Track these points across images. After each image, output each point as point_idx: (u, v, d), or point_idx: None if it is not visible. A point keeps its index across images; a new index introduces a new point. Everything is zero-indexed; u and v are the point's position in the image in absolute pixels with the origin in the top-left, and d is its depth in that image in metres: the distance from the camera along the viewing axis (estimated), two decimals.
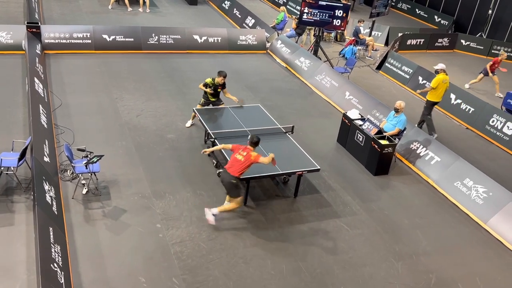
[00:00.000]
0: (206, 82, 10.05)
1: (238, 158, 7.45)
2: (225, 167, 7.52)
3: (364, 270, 7.20)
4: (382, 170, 9.85)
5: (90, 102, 11.08)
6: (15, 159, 7.58)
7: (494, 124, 12.24)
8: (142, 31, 14.75)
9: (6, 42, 13.12)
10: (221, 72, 9.97)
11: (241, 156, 7.45)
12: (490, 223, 8.57)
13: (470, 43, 20.12)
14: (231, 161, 7.52)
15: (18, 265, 6.33)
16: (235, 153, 7.56)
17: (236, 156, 7.48)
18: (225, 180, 7.49)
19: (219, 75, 9.95)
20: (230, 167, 7.45)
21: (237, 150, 7.57)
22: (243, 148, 7.57)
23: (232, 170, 7.40)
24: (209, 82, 10.03)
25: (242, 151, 7.51)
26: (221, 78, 9.93)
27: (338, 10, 14.68)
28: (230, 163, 7.52)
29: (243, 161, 7.42)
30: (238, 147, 7.63)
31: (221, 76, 9.93)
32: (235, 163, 7.45)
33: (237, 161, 7.45)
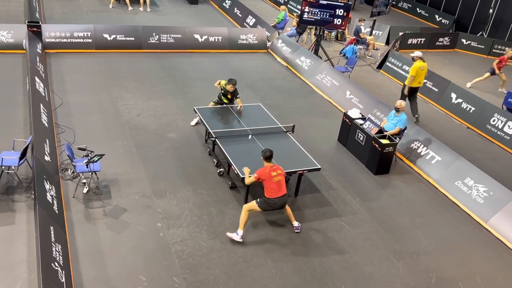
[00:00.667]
0: (222, 85, 10.18)
1: (280, 179, 7.27)
2: (278, 196, 7.24)
3: (364, 269, 7.21)
4: (382, 170, 9.85)
5: (90, 101, 11.08)
6: (16, 158, 7.59)
7: (495, 124, 12.24)
8: (142, 31, 14.76)
9: (7, 41, 13.13)
10: (230, 80, 9.99)
11: (279, 177, 7.27)
12: (490, 222, 8.57)
13: (471, 42, 20.10)
14: (277, 187, 7.23)
15: (19, 264, 6.34)
16: (271, 179, 7.21)
17: (277, 179, 7.24)
18: (284, 202, 7.40)
19: (228, 83, 10.00)
20: (282, 191, 7.28)
21: (269, 174, 7.21)
22: (270, 168, 7.26)
23: (283, 190, 7.32)
24: (223, 83, 10.15)
25: (274, 172, 7.24)
26: (230, 86, 9.98)
27: (339, 9, 14.66)
28: (278, 190, 7.24)
29: (283, 178, 7.36)
30: (267, 173, 7.22)
31: (230, 84, 9.97)
32: (281, 184, 7.29)
33: (281, 183, 7.30)
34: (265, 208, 7.36)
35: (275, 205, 7.35)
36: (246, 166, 7.69)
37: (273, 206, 7.34)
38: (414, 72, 11.98)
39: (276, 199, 7.27)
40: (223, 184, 8.75)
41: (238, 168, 7.96)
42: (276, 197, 7.26)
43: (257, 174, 7.29)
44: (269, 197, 7.26)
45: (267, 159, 7.38)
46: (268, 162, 7.38)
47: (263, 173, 7.25)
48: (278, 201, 7.32)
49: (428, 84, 14.40)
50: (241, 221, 7.30)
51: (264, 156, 7.37)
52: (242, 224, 7.30)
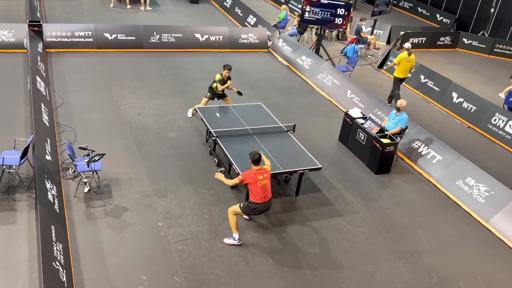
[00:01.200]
0: (218, 79, 10.43)
1: (264, 183, 6.99)
2: (261, 201, 7.01)
3: (365, 269, 7.21)
4: (383, 169, 9.85)
5: (91, 101, 11.09)
6: (17, 158, 7.60)
7: (496, 123, 12.22)
8: (143, 30, 14.76)
9: (8, 40, 13.14)
10: (226, 66, 10.37)
11: (265, 180, 7.01)
12: (491, 222, 8.56)
13: (472, 42, 20.08)
14: (262, 191, 6.97)
15: (20, 263, 6.35)
16: (256, 183, 6.92)
17: (263, 183, 6.97)
18: (268, 207, 7.20)
19: (224, 68, 10.35)
20: (266, 195, 7.04)
21: (255, 177, 6.93)
22: (256, 171, 6.96)
23: (268, 195, 7.10)
24: (219, 78, 10.41)
25: (260, 175, 6.95)
26: (226, 71, 10.33)
27: (340, 8, 14.65)
28: (263, 194, 6.98)
29: (269, 181, 7.11)
30: (252, 176, 6.94)
31: (226, 69, 10.33)
32: (266, 188, 7.04)
33: (267, 187, 7.05)
34: (248, 213, 7.23)
35: (257, 210, 7.12)
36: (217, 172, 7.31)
37: (255, 211, 7.12)
38: (397, 60, 12.58)
39: (259, 204, 7.02)
40: (223, 184, 8.73)
41: (238, 168, 7.96)
42: (260, 202, 7.00)
43: (242, 176, 7.02)
44: (253, 201, 7.03)
45: (255, 162, 7.01)
46: (255, 165, 7.02)
47: (248, 176, 6.95)
48: (261, 207, 7.08)
49: (429, 83, 14.39)
50: (231, 224, 7.20)
51: (252, 159, 7.00)
52: (234, 227, 7.19)
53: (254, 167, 7.04)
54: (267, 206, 7.17)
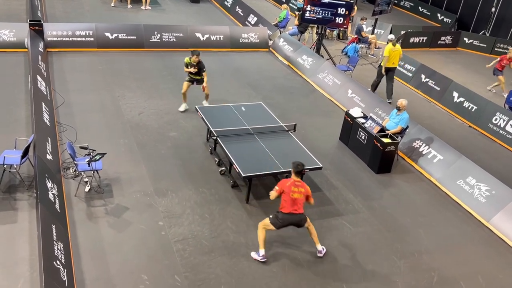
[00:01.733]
0: (186, 62, 10.95)
1: (297, 197, 6.82)
2: (289, 212, 6.83)
3: (366, 268, 7.20)
4: (384, 168, 9.84)
5: (92, 100, 11.09)
6: (18, 157, 7.60)
7: (497, 122, 12.21)
8: (144, 29, 14.76)
9: (9, 40, 13.14)
10: (193, 52, 10.78)
11: (299, 195, 6.83)
12: (492, 221, 8.56)
13: (473, 41, 20.06)
14: (291, 203, 6.81)
15: (21, 262, 6.35)
16: (289, 193, 6.79)
17: (295, 196, 6.81)
18: (296, 220, 6.96)
19: (192, 55, 10.76)
20: (295, 209, 6.85)
21: (289, 188, 6.79)
22: (293, 182, 6.84)
23: (298, 209, 6.88)
24: (187, 61, 10.90)
25: (295, 187, 6.81)
26: (194, 57, 10.72)
27: (341, 8, 14.64)
28: (290, 206, 6.82)
29: (303, 198, 6.91)
30: (287, 186, 6.80)
31: (194, 55, 10.72)
32: (297, 203, 6.85)
33: (298, 200, 6.86)
34: (276, 224, 6.93)
35: (285, 221, 6.91)
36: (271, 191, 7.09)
37: (282, 222, 6.91)
38: (386, 52, 13.05)
39: (286, 215, 6.85)
40: (224, 183, 8.75)
41: (239, 167, 7.96)
42: (287, 213, 6.84)
43: (278, 186, 6.87)
44: (281, 211, 6.89)
45: (296, 174, 6.89)
46: (296, 176, 6.89)
47: (284, 184, 6.84)
48: (288, 218, 6.88)
49: (430, 83, 14.38)
50: (259, 239, 7.03)
51: (295, 170, 6.87)
52: (261, 242, 7.01)
53: (293, 177, 6.90)
54: (294, 219, 6.93)
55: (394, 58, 13.05)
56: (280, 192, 6.83)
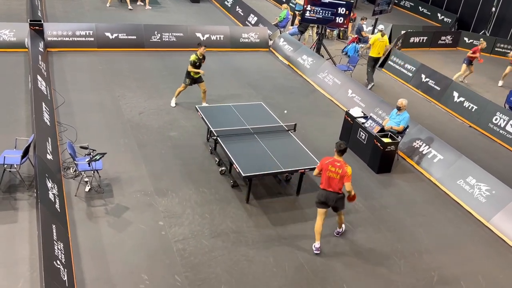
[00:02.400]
0: (193, 61, 10.64)
1: (332, 176, 7.03)
2: (324, 188, 7.16)
3: (366, 268, 7.20)
4: (384, 168, 9.84)
5: (92, 100, 11.10)
6: (18, 157, 7.61)
7: (497, 122, 12.21)
8: (144, 29, 14.76)
9: (9, 39, 13.15)
10: (201, 43, 10.77)
11: (334, 174, 7.02)
12: (492, 221, 8.56)
13: (473, 41, 20.04)
14: (326, 181, 7.09)
15: (21, 262, 6.36)
16: (326, 171, 7.07)
17: (330, 175, 7.04)
18: (331, 198, 7.16)
19: (200, 46, 10.60)
20: (329, 187, 7.11)
21: (326, 166, 7.08)
22: (332, 161, 7.07)
23: (333, 189, 7.11)
24: (195, 58, 10.62)
25: (332, 166, 7.03)
26: (203, 48, 10.57)
27: (341, 7, 14.64)
28: (326, 184, 7.11)
29: (338, 179, 7.04)
30: (324, 165, 7.11)
31: (202, 46, 10.59)
32: (332, 182, 7.07)
33: (332, 180, 7.07)
34: (316, 203, 7.29)
35: (320, 197, 7.20)
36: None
37: (319, 198, 7.23)
38: (372, 41, 14.11)
39: (322, 190, 7.18)
40: (224, 183, 8.76)
41: (239, 167, 7.96)
42: (322, 189, 7.17)
43: (319, 162, 7.28)
44: (320, 186, 7.24)
45: (339, 153, 7.10)
46: (338, 155, 7.10)
47: (323, 161, 7.16)
48: (323, 194, 7.16)
49: (430, 82, 14.38)
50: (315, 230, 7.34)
51: (337, 149, 7.10)
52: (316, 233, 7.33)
53: (335, 156, 7.14)
54: (326, 196, 7.16)
55: (380, 48, 13.99)
56: (319, 169, 7.21)
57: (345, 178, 6.99)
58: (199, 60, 10.69)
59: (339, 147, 7.08)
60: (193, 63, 10.68)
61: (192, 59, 10.66)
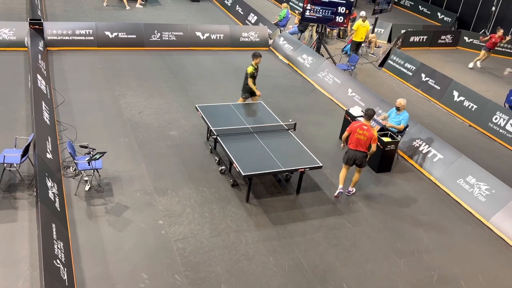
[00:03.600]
0: (251, 73, 10.12)
1: (360, 138, 8.26)
2: (353, 148, 8.37)
3: (366, 267, 7.21)
4: (384, 168, 9.84)
5: (92, 99, 11.09)
6: (18, 156, 7.61)
7: (497, 122, 12.21)
8: (144, 28, 14.75)
9: (9, 38, 13.14)
10: (256, 53, 10.16)
11: (362, 136, 8.24)
12: (492, 220, 8.56)
13: (473, 40, 20.05)
14: (355, 142, 8.32)
15: (21, 261, 6.36)
16: (354, 133, 8.30)
17: (358, 137, 8.27)
18: (358, 156, 8.37)
19: (256, 57, 10.13)
20: (357, 146, 8.33)
21: (355, 129, 8.29)
22: (360, 125, 8.28)
23: (361, 148, 8.32)
24: (253, 70, 10.13)
25: (360, 129, 8.24)
26: (259, 59, 10.18)
27: (341, 7, 14.63)
28: (355, 144, 8.34)
29: (366, 140, 8.25)
30: (353, 128, 8.33)
31: (259, 57, 10.15)
32: (359, 143, 8.30)
33: (360, 141, 8.28)
34: (344, 159, 8.58)
35: (349, 155, 8.43)
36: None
37: (347, 155, 8.47)
38: (355, 27, 15.36)
39: (350, 150, 8.41)
40: (224, 182, 8.76)
41: (239, 166, 7.96)
42: (351, 148, 8.39)
43: (349, 126, 8.47)
44: (348, 146, 8.47)
45: (366, 117, 8.36)
46: (366, 120, 8.36)
47: (352, 125, 8.41)
48: (351, 152, 8.40)
49: (430, 82, 14.38)
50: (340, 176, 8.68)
51: (365, 113, 8.37)
52: (340, 179, 8.66)
53: (363, 120, 8.42)
54: (353, 154, 8.40)
55: (362, 33, 15.28)
56: (349, 132, 8.44)
57: (372, 140, 8.24)
58: (256, 70, 10.19)
59: (367, 112, 8.37)
60: (252, 75, 10.13)
61: (250, 71, 10.10)
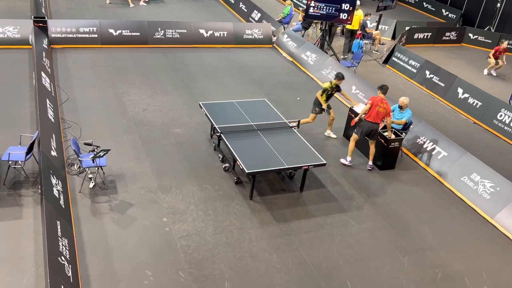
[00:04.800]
0: (325, 88, 9.94)
1: (380, 111, 9.05)
2: (371, 120, 9.11)
3: (369, 265, 7.21)
4: (388, 165, 9.82)
5: (96, 97, 11.12)
6: (22, 153, 7.64)
7: (502, 119, 12.16)
8: (148, 26, 14.76)
9: (14, 36, 13.18)
10: (339, 74, 9.93)
11: (382, 109, 9.05)
12: (497, 218, 8.54)
13: (478, 37, 19.95)
14: (375, 115, 9.07)
15: (26, 258, 6.40)
16: (375, 107, 9.03)
17: (379, 109, 9.03)
18: (374, 128, 9.18)
19: (338, 78, 9.92)
20: (375, 119, 9.11)
21: (376, 103, 9.04)
22: (380, 100, 9.08)
23: (378, 121, 9.13)
24: (328, 86, 9.96)
25: (382, 103, 9.04)
26: (341, 81, 10.01)
27: (345, 3, 14.58)
28: (374, 117, 9.09)
29: (384, 112, 9.10)
30: (376, 102, 9.05)
31: (341, 79, 9.95)
32: (378, 116, 9.09)
33: (380, 114, 9.08)
34: (358, 132, 9.31)
35: (363, 127, 9.17)
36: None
37: (361, 127, 9.20)
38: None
39: (367, 121, 9.11)
40: (228, 179, 8.77)
41: (243, 163, 7.96)
42: (367, 120, 9.09)
43: (370, 99, 9.17)
44: (365, 119, 9.15)
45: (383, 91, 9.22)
46: (382, 94, 9.22)
47: (374, 99, 9.12)
48: (366, 124, 9.14)
49: (435, 79, 14.33)
50: (349, 149, 9.49)
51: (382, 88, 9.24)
52: (350, 151, 9.48)
53: (381, 95, 9.24)
54: (371, 126, 9.18)
55: (355, 22, 15.46)
56: (371, 105, 9.08)
57: (387, 113, 9.16)
58: (331, 89, 9.95)
59: (383, 87, 9.29)
60: (324, 90, 9.91)
61: (324, 86, 9.91)
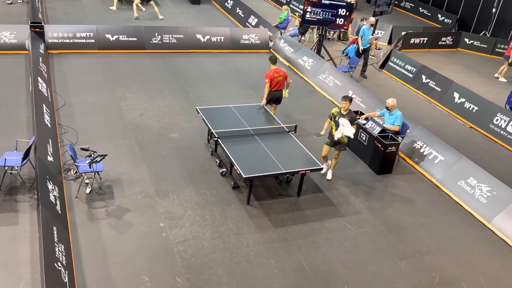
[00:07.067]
0: (331, 113, 9.02)
1: (279, 79, 10.04)
2: (275, 89, 10.16)
3: (367, 269, 7.20)
4: (385, 169, 9.84)
5: (93, 102, 11.10)
6: (19, 159, 7.61)
7: (498, 123, 12.20)
8: (145, 31, 14.78)
9: (10, 42, 13.17)
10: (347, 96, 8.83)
11: (280, 77, 10.05)
12: (494, 222, 8.55)
13: (473, 42, 20.06)
14: (275, 84, 10.11)
15: (22, 264, 6.36)
16: (274, 79, 9.98)
17: (277, 79, 10.01)
18: (279, 95, 10.33)
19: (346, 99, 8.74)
20: (278, 87, 10.21)
21: (273, 76, 9.97)
22: (274, 71, 10.03)
23: (280, 88, 10.28)
24: (335, 111, 8.94)
25: (276, 73, 10.05)
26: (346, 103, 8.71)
27: (341, 9, 14.65)
28: (275, 86, 10.18)
29: (283, 78, 10.22)
30: (272, 76, 9.94)
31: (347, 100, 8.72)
32: (278, 83, 10.16)
33: (280, 82, 10.18)
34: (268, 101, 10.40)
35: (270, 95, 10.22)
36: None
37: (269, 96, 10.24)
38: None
39: (272, 92, 10.18)
40: (225, 184, 8.76)
41: (240, 168, 7.96)
42: (272, 91, 10.18)
43: (266, 77, 10.02)
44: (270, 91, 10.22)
45: (272, 61, 10.31)
46: (274, 65, 10.23)
47: (269, 75, 10.01)
48: (272, 93, 10.16)
49: (431, 83, 14.38)
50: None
51: (271, 59, 10.34)
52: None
53: (272, 66, 10.09)
54: (276, 94, 10.24)
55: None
56: (270, 80, 10.00)
57: (286, 76, 10.31)
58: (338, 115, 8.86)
59: (272, 57, 10.30)
60: (331, 115, 9.03)
61: (332, 112, 9.03)
